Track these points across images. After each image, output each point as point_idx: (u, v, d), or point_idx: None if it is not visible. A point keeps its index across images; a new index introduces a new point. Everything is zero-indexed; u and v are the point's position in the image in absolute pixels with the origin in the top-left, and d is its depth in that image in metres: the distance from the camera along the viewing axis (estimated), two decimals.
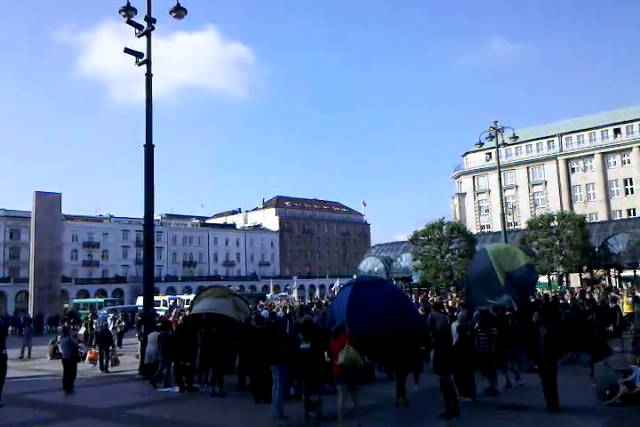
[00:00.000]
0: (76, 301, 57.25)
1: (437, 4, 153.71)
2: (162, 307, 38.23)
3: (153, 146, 16.05)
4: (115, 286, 78.04)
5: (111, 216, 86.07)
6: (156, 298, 26.77)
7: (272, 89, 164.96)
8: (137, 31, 15.74)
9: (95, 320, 27.94)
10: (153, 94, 16.34)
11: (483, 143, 30.58)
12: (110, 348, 16.68)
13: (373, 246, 58.37)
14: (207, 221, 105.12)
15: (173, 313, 23.48)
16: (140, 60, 15.93)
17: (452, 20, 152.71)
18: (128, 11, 15.26)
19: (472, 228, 59.02)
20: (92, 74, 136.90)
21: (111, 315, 28.64)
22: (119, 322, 24.16)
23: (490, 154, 62.85)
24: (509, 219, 57.20)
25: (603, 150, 62.52)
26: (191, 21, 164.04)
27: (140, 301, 35.49)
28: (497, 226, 52.40)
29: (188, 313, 15.17)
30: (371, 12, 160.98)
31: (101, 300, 52.97)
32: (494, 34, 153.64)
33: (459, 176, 74.07)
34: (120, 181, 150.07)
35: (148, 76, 16.16)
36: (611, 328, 15.77)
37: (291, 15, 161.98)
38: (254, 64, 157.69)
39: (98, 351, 16.93)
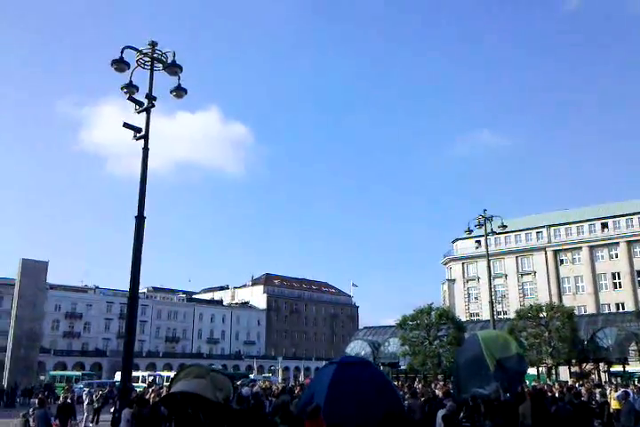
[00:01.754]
0: (52, 373, 55.46)
1: (438, 97, 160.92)
2: (140, 383, 37.05)
3: (144, 218, 16.29)
4: (94, 359, 75.85)
5: (96, 287, 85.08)
6: (134, 374, 26.10)
7: (267, 168, 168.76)
8: (137, 107, 16.46)
9: (70, 394, 27.04)
10: (150, 168, 16.81)
11: (472, 231, 31.13)
12: (72, 421, 16.08)
13: (361, 329, 57.54)
14: (194, 296, 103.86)
15: (151, 390, 22.81)
16: (137, 134, 16.56)
17: (445, 113, 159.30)
18: (130, 88, 16.03)
19: (461, 314, 58.60)
20: (93, 147, 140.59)
21: (86, 389, 27.76)
22: (96, 397, 23.39)
23: (479, 242, 63.61)
24: (498, 307, 56.97)
25: (590, 244, 63.48)
26: (195, 101, 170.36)
27: (118, 376, 34.48)
28: (486, 314, 52.08)
29: (165, 392, 14.81)
30: (364, 100, 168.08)
31: (79, 373, 51.36)
32: (485, 126, 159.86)
33: (448, 262, 74.44)
34: (109, 252, 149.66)
35: (145, 150, 16.68)
36: (596, 425, 15.45)
37: (291, 101, 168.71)
38: (252, 143, 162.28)
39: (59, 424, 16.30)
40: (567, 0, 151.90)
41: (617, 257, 61.69)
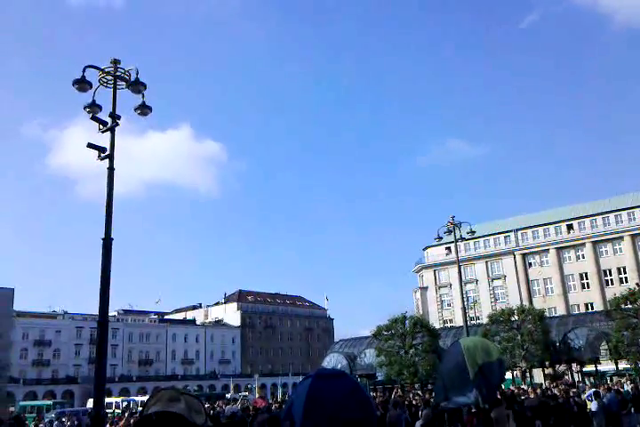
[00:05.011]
0: (22, 403, 53.76)
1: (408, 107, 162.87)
2: (114, 409, 36.25)
3: (112, 239, 16.06)
4: (65, 386, 74.02)
5: (65, 312, 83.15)
6: (107, 400, 25.49)
7: (239, 183, 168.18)
8: (101, 127, 16.27)
9: (41, 425, 26.36)
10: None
11: (441, 237, 31.41)
12: None
13: (337, 342, 57.35)
14: (166, 317, 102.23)
15: (126, 415, 22.35)
16: (102, 154, 16.36)
17: (415, 121, 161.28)
18: (93, 107, 15.86)
19: (435, 321, 58.92)
20: (60, 170, 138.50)
21: (56, 419, 27.02)
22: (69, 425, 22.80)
23: (449, 248, 64.22)
24: (471, 313, 57.52)
25: (557, 246, 64.64)
26: (166, 119, 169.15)
27: (91, 403, 33.62)
28: (459, 320, 52.46)
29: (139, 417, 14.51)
30: (334, 111, 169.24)
31: (49, 402, 49.95)
32: (455, 134, 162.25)
33: (420, 270, 74.93)
34: (78, 276, 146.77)
35: (110, 170, 16.49)
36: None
37: (264, 115, 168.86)
38: (225, 160, 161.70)
39: None
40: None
41: (584, 258, 62.92)
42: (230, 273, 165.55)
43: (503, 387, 24.77)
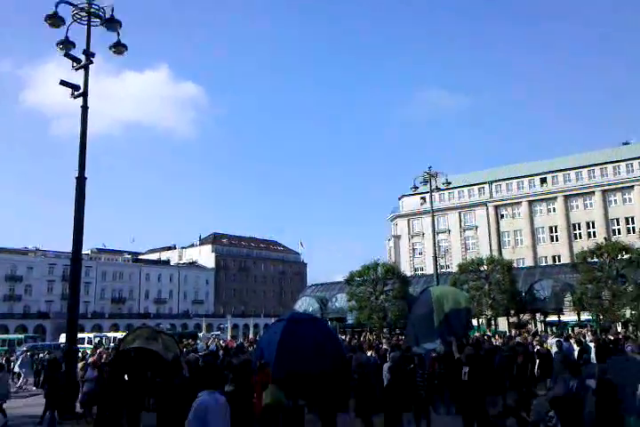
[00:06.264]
0: None
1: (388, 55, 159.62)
2: (86, 345, 36.61)
3: (85, 178, 15.76)
4: (37, 321, 74.48)
5: (37, 249, 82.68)
6: (80, 335, 25.67)
7: (218, 126, 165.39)
8: (74, 64, 15.61)
9: (12, 358, 26.55)
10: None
11: (417, 187, 31.54)
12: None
13: (309, 286, 58.22)
14: (140, 257, 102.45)
15: (99, 351, 22.56)
16: (75, 92, 15.78)
17: (392, 71, 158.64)
18: (66, 44, 15.16)
19: (406, 270, 59.98)
20: (35, 106, 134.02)
21: (19, 351, 27.26)
22: (38, 359, 22.96)
23: (424, 198, 64.63)
24: (442, 262, 58.59)
25: (530, 199, 65.50)
26: (144, 60, 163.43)
27: (63, 338, 33.88)
28: (430, 269, 53.50)
29: (115, 353, 14.66)
30: (320, 55, 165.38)
31: (21, 336, 50.23)
32: (436, 84, 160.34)
33: (394, 219, 75.59)
34: (49, 213, 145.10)
35: (84, 108, 16.03)
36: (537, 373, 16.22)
37: (242, 57, 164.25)
38: (204, 103, 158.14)
39: None
40: None
41: (554, 211, 63.96)
42: (205, 216, 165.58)
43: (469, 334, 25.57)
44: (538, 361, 16.32)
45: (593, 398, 9.41)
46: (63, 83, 15.83)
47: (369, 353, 15.64)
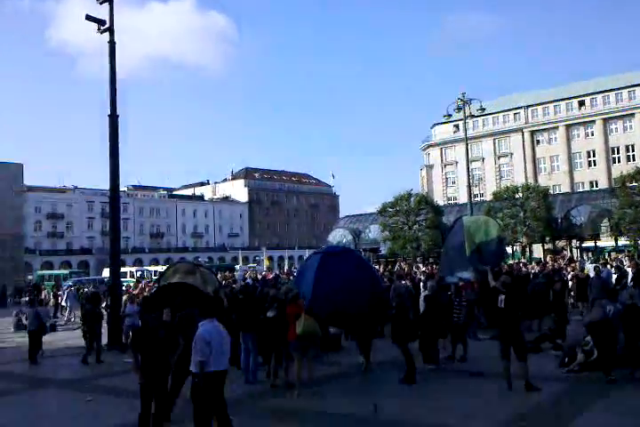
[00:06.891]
0: (39, 272, 56.24)
1: None
2: (129, 278, 37.91)
3: (117, 116, 15.75)
4: (80, 257, 76.98)
5: (75, 187, 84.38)
6: (122, 269, 26.49)
7: (249, 61, 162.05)
8: None
9: (60, 292, 27.65)
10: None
11: (451, 115, 30.66)
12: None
13: (342, 218, 58.49)
14: (174, 193, 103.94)
15: (142, 285, 23.30)
16: (102, 27, 15.47)
17: None
18: None
19: (439, 199, 59.61)
20: (61, 45, 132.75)
21: (65, 286, 28.27)
22: (83, 293, 23.81)
23: (457, 126, 63.12)
24: (476, 191, 57.95)
25: (567, 123, 63.39)
26: None
27: (106, 272, 35.14)
28: (463, 198, 52.93)
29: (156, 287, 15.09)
30: None
31: (66, 271, 52.15)
32: (472, 6, 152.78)
33: (427, 148, 74.40)
34: (85, 152, 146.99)
35: (112, 43, 15.78)
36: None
37: None
38: (236, 37, 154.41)
39: None
40: None
41: (592, 135, 61.94)
42: (237, 151, 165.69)
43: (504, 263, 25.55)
44: (576, 287, 16.29)
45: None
46: (89, 18, 15.52)
47: (403, 282, 15.79)
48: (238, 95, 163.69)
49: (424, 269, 23.38)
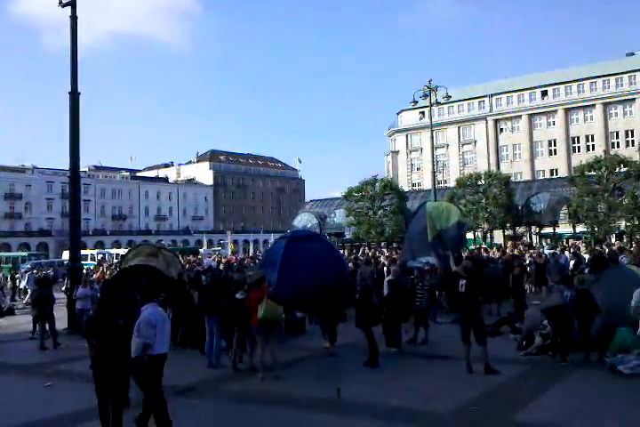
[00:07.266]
0: None
1: None
2: (89, 261, 37.34)
3: (79, 93, 15.33)
4: (39, 239, 75.19)
5: (35, 167, 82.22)
6: (83, 252, 26.04)
7: (216, 39, 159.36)
8: None
9: (17, 275, 27.10)
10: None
11: (417, 102, 30.82)
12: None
13: (308, 202, 58.48)
14: (138, 174, 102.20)
15: (103, 268, 23.01)
16: (63, 1, 15.00)
17: None
18: None
19: (404, 185, 60.06)
20: (23, 19, 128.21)
21: (23, 269, 27.71)
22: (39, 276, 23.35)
23: (423, 113, 63.51)
24: (440, 177, 58.58)
25: (529, 112, 64.42)
26: None
27: (66, 255, 34.47)
28: (428, 184, 53.50)
29: (118, 269, 14.86)
30: None
31: (24, 253, 51.10)
32: None
33: (393, 134, 74.75)
34: (46, 131, 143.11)
35: (73, 18, 15.32)
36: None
37: None
38: (200, 13, 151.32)
39: None
40: None
41: (554, 125, 63.14)
42: (202, 132, 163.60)
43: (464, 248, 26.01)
44: (535, 272, 16.70)
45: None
46: None
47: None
48: (204, 76, 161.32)
49: (387, 253, 23.64)
